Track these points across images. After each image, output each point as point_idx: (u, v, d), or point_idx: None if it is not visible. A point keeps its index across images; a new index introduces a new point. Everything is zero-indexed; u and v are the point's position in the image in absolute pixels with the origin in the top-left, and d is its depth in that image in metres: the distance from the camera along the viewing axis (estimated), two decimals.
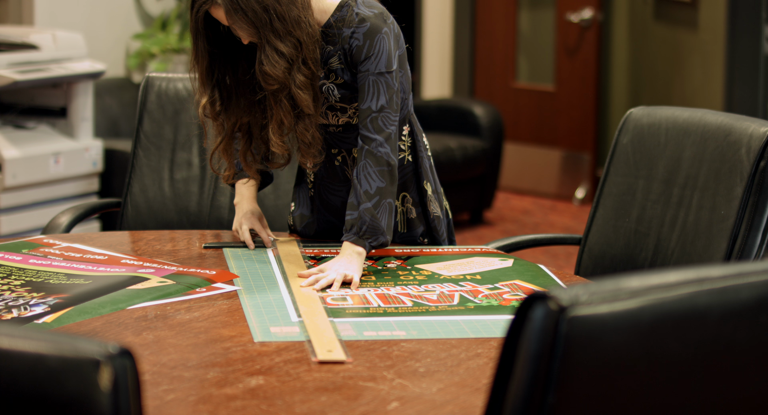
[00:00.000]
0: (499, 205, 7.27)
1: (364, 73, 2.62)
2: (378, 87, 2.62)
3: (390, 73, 2.63)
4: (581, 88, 7.39)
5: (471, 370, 2.01)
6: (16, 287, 2.44)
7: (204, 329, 2.20)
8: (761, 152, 2.68)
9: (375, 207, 2.57)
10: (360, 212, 2.57)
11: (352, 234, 2.57)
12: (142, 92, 3.43)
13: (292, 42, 2.55)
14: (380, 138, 2.61)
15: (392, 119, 2.63)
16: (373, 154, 2.60)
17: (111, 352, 1.23)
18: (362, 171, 2.60)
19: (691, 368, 1.38)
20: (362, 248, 2.56)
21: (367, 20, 2.62)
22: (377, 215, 2.57)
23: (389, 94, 2.62)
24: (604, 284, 1.33)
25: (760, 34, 5.89)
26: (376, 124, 2.61)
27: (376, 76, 2.61)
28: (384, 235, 2.58)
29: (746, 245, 2.66)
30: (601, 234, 2.97)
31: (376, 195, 2.58)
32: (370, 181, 2.59)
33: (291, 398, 1.86)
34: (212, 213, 3.36)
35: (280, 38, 2.54)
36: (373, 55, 2.61)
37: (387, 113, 2.62)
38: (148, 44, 6.27)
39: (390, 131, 2.62)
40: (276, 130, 2.62)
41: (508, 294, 2.47)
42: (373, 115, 2.61)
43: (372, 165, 2.60)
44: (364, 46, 2.61)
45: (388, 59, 2.62)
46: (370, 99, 2.62)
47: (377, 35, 2.61)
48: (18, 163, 5.10)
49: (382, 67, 2.62)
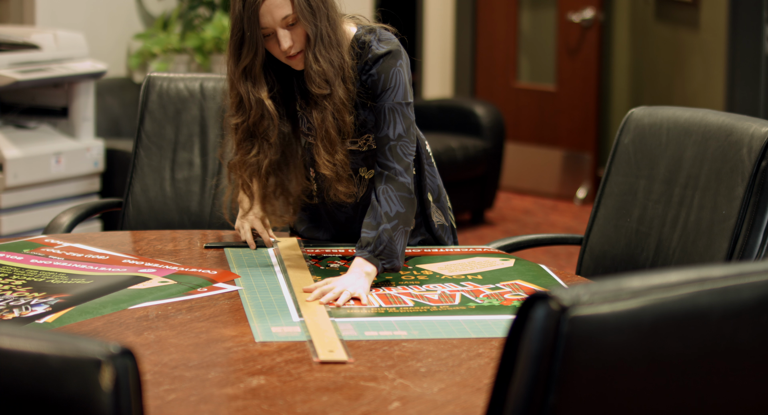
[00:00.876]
0: (501, 205, 7.27)
1: (381, 104, 2.61)
2: (395, 116, 2.60)
3: (407, 105, 2.62)
4: (582, 88, 7.39)
5: (472, 370, 2.01)
6: (17, 287, 2.44)
7: (205, 329, 2.20)
8: (762, 152, 2.68)
9: (393, 230, 2.53)
10: (379, 232, 2.52)
11: (366, 251, 2.51)
12: (143, 92, 3.43)
13: (339, 55, 2.55)
14: (399, 167, 2.59)
15: (410, 149, 2.61)
16: (395, 180, 2.57)
17: (112, 352, 1.23)
18: (383, 194, 2.56)
19: (692, 368, 1.38)
20: (373, 268, 2.50)
21: (382, 58, 2.60)
22: (394, 238, 2.54)
23: (406, 124, 2.61)
24: (605, 283, 1.33)
25: (761, 34, 5.89)
26: (395, 152, 2.59)
27: (393, 105, 2.60)
28: (398, 259, 2.53)
29: (747, 244, 2.66)
30: (602, 234, 2.97)
31: (396, 218, 2.55)
32: (391, 204, 2.56)
33: (292, 398, 1.86)
34: (213, 213, 3.36)
35: (331, 46, 2.54)
36: (390, 89, 2.60)
37: (405, 142, 2.60)
38: (150, 44, 6.27)
39: (409, 161, 2.60)
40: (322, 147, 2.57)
41: (510, 294, 2.47)
42: (392, 144, 2.59)
43: (393, 190, 2.57)
44: (380, 81, 2.60)
45: (405, 92, 2.61)
46: (388, 127, 2.60)
47: (393, 69, 2.60)
48: (19, 163, 5.10)
49: (399, 99, 2.61)
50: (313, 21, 2.52)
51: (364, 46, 2.61)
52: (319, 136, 2.58)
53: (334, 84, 2.54)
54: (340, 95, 2.55)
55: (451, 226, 2.90)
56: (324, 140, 2.57)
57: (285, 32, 2.52)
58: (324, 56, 2.53)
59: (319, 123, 2.57)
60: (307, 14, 2.51)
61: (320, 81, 2.54)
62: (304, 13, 2.51)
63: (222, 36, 6.15)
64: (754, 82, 5.92)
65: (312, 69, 2.53)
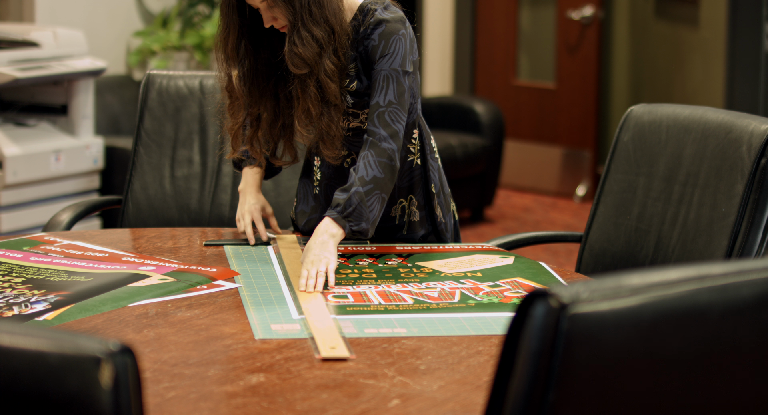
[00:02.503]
0: (500, 203, 7.27)
1: (376, 70, 2.63)
2: (388, 82, 2.62)
3: (404, 74, 2.63)
4: (582, 86, 7.39)
5: (472, 367, 2.01)
6: (17, 285, 2.44)
7: (205, 327, 2.20)
8: (762, 150, 2.68)
9: (367, 194, 2.55)
10: (350, 194, 2.55)
11: (335, 212, 2.54)
12: (142, 90, 3.43)
13: (326, 29, 2.57)
14: (385, 133, 2.60)
15: (400, 116, 2.62)
16: (377, 146, 2.59)
17: (112, 349, 1.23)
18: (362, 159, 2.59)
19: (691, 365, 1.38)
20: (339, 229, 2.53)
21: (384, 22, 2.63)
22: (366, 202, 2.55)
23: (399, 91, 2.62)
24: (604, 281, 1.33)
25: (760, 31, 5.89)
26: (383, 118, 2.61)
27: (388, 71, 2.62)
28: (367, 222, 2.55)
29: (747, 242, 2.66)
30: (601, 231, 2.97)
31: (371, 183, 2.57)
32: (368, 169, 2.58)
33: (292, 396, 1.86)
34: (213, 210, 3.36)
35: (315, 23, 2.56)
36: (388, 54, 2.62)
37: (395, 109, 2.61)
38: (149, 42, 6.27)
39: (396, 128, 2.61)
40: (302, 119, 2.62)
41: (509, 291, 2.47)
42: (381, 110, 2.61)
43: (373, 155, 2.59)
44: (379, 46, 2.62)
45: (403, 59, 2.63)
46: (379, 94, 2.62)
47: (393, 36, 2.62)
48: (19, 161, 5.10)
49: (396, 66, 2.62)
50: (289, 7, 2.55)
51: (367, 14, 2.64)
52: (301, 108, 2.61)
53: (316, 62, 2.57)
54: (324, 68, 2.58)
55: (453, 222, 2.90)
56: (304, 112, 2.61)
57: (266, 13, 2.58)
58: (304, 37, 2.55)
59: (300, 95, 2.61)
60: (282, 5, 2.55)
61: (297, 62, 2.57)
62: (279, 5, 2.56)
63: None
64: (754, 79, 5.92)
65: (288, 52, 2.57)
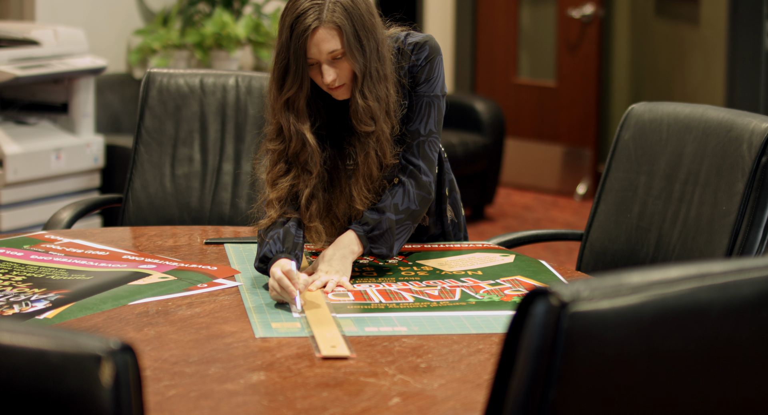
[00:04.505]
0: (501, 201, 7.27)
1: (419, 95, 2.57)
2: (430, 110, 2.58)
3: (443, 97, 2.60)
4: (582, 84, 7.39)
5: (472, 366, 2.01)
6: (17, 283, 2.44)
7: (205, 325, 2.20)
8: (762, 148, 2.68)
9: (398, 223, 2.52)
10: (382, 218, 2.51)
11: (362, 229, 2.50)
12: (143, 88, 3.43)
13: (385, 89, 2.50)
14: (425, 166, 2.57)
15: (437, 146, 2.60)
16: (419, 179, 2.56)
17: (112, 347, 1.23)
18: (402, 187, 2.55)
19: (692, 363, 1.38)
20: (360, 248, 2.51)
21: (426, 43, 2.57)
22: (395, 230, 2.52)
23: (438, 118, 2.59)
24: (605, 279, 1.33)
25: (761, 30, 5.89)
26: (423, 150, 2.57)
27: (431, 99, 2.58)
28: (389, 249, 2.52)
29: (747, 240, 2.66)
30: (602, 230, 2.97)
31: (404, 214, 2.54)
32: (406, 199, 2.54)
33: (292, 394, 1.86)
34: (213, 209, 3.36)
35: (380, 79, 2.48)
36: (432, 79, 2.57)
37: (434, 139, 2.59)
38: (150, 40, 6.26)
39: (434, 159, 2.58)
40: (362, 184, 2.53)
41: (510, 290, 2.47)
42: (422, 140, 2.57)
43: (414, 187, 2.55)
44: (425, 70, 2.56)
45: (442, 83, 2.60)
46: (420, 121, 2.57)
47: (437, 58, 2.57)
48: (19, 159, 5.10)
49: (438, 91, 2.58)
50: (362, 58, 2.45)
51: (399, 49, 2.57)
52: (361, 173, 2.53)
53: (379, 120, 2.49)
54: (384, 130, 2.50)
55: (462, 222, 2.90)
56: (365, 177, 2.53)
57: (330, 65, 2.44)
58: (371, 92, 2.46)
59: (362, 159, 2.52)
60: (355, 51, 2.44)
61: (366, 118, 2.48)
62: (352, 50, 2.43)
63: (222, 32, 6.15)
64: (755, 78, 5.92)
65: (358, 106, 2.47)
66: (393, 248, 2.53)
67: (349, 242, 2.51)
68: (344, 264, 2.48)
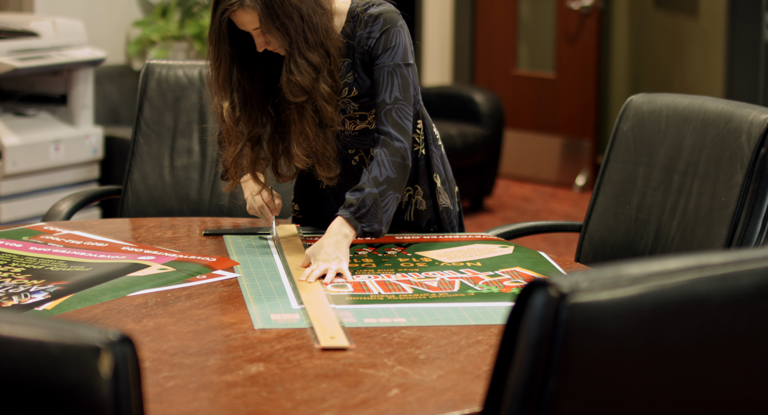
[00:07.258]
0: (500, 193, 7.27)
1: (379, 66, 2.59)
2: (393, 78, 2.58)
3: (407, 66, 2.60)
4: (582, 76, 7.38)
5: (471, 357, 2.02)
6: (16, 274, 2.44)
7: (204, 316, 2.20)
8: (761, 139, 2.68)
9: (381, 195, 2.54)
10: (364, 195, 2.53)
11: (348, 212, 2.52)
12: (142, 79, 3.42)
13: (321, 53, 2.53)
14: (395, 131, 2.57)
15: (407, 112, 2.59)
16: (390, 145, 2.56)
17: (111, 339, 1.23)
18: (376, 158, 2.56)
19: (691, 355, 1.38)
20: (352, 230, 2.51)
21: (381, 16, 2.60)
22: (380, 203, 2.54)
23: (403, 86, 2.59)
24: (604, 270, 1.33)
25: (760, 21, 5.88)
26: (391, 117, 2.58)
27: (392, 68, 2.58)
28: (380, 224, 2.54)
29: (746, 232, 2.66)
30: (601, 221, 2.97)
31: (385, 184, 2.55)
32: (382, 169, 2.56)
33: (291, 385, 1.86)
34: (212, 200, 3.36)
35: (310, 49, 2.51)
36: (390, 48, 2.58)
37: (402, 105, 2.59)
38: (149, 31, 6.26)
39: (405, 125, 2.58)
40: (300, 142, 2.58)
41: (509, 281, 2.47)
42: (388, 108, 2.58)
43: (387, 154, 2.56)
44: (380, 41, 2.58)
45: (405, 52, 2.60)
46: (384, 91, 2.59)
47: (393, 28, 2.59)
48: (18, 151, 5.10)
49: (399, 59, 2.59)
50: (285, 35, 2.50)
51: (358, 16, 2.60)
52: (298, 131, 2.57)
53: (313, 88, 2.53)
54: (321, 92, 2.54)
55: (457, 211, 2.90)
56: (302, 135, 2.57)
57: (259, 38, 2.53)
58: (300, 65, 2.51)
59: (296, 118, 2.57)
60: (275, 30, 2.50)
61: (295, 91, 2.53)
62: (271, 30, 2.50)
63: None
64: (754, 69, 5.91)
65: (287, 81, 2.52)
66: (383, 221, 2.54)
67: (339, 227, 2.51)
68: (339, 249, 2.48)
